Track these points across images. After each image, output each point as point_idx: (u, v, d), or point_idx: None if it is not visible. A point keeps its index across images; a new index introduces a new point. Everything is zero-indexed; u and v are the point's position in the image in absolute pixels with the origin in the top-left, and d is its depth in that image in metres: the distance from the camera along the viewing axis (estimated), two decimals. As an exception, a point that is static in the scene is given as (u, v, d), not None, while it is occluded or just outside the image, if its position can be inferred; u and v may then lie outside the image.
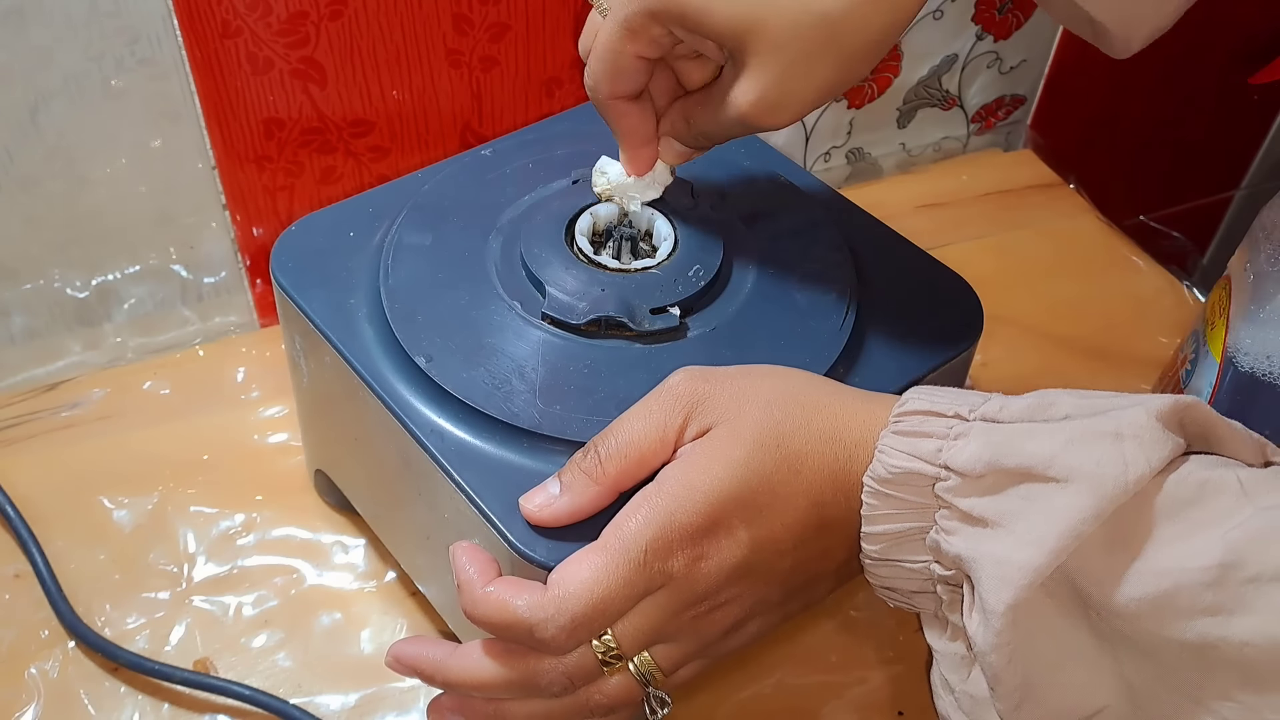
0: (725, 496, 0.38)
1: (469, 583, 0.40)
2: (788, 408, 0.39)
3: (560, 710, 0.40)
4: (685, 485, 0.38)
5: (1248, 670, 0.32)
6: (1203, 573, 0.32)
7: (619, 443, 0.40)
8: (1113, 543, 0.34)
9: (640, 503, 0.38)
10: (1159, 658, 0.34)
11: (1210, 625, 0.32)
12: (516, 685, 0.40)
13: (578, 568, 0.38)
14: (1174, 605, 0.33)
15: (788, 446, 0.39)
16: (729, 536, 0.38)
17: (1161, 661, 0.34)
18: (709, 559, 0.38)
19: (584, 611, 0.37)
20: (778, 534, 0.39)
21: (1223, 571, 0.32)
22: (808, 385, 0.41)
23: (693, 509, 0.38)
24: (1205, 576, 0.32)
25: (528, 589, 0.38)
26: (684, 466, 0.39)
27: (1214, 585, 0.32)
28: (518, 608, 0.38)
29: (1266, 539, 0.32)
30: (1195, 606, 0.32)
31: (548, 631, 0.38)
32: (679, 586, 0.38)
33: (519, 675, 0.40)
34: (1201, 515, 0.33)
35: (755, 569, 0.39)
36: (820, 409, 0.40)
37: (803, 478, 0.39)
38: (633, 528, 0.38)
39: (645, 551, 0.37)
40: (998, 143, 0.89)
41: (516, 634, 0.39)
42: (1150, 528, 0.34)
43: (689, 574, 0.38)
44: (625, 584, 0.37)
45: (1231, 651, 0.32)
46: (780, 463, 0.38)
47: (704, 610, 0.39)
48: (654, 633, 0.39)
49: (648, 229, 0.51)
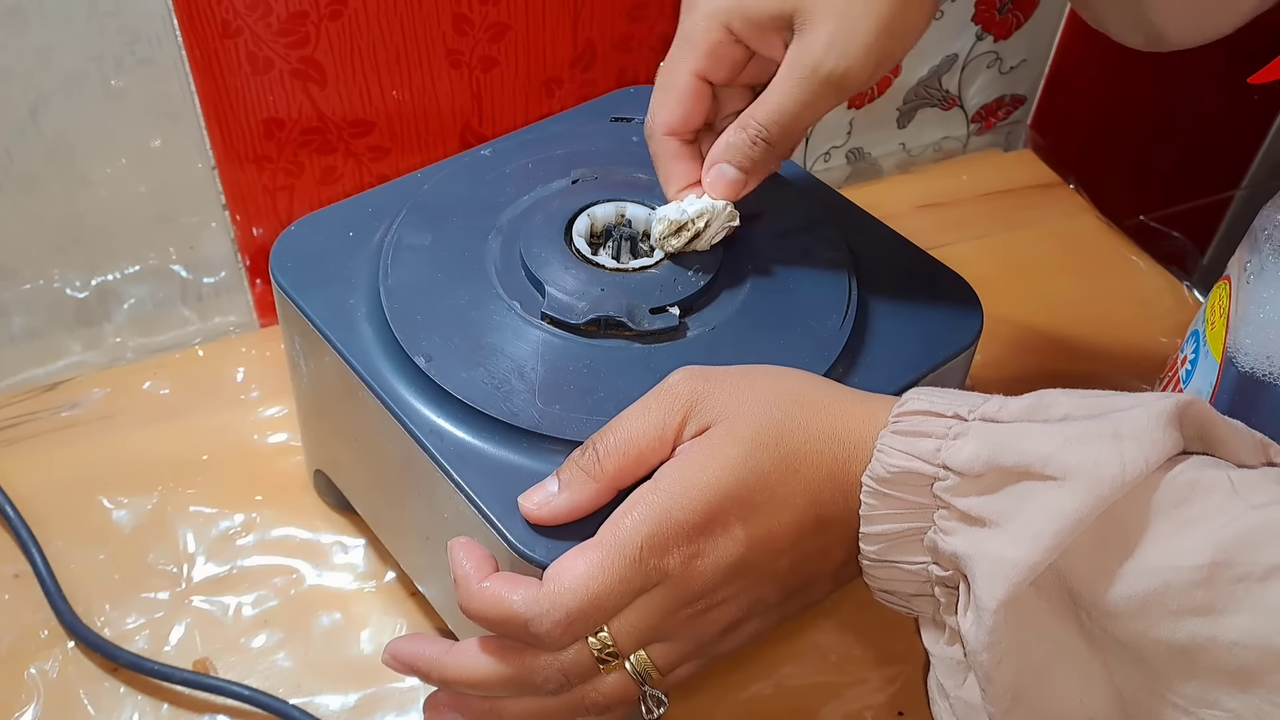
0: (722, 494, 0.38)
1: (465, 578, 0.40)
2: (787, 407, 0.39)
3: (556, 708, 0.40)
4: (682, 483, 0.38)
5: (1236, 672, 0.32)
6: (1192, 572, 0.32)
7: (617, 440, 0.40)
8: (1104, 541, 0.34)
9: (637, 500, 0.38)
10: (1149, 662, 0.34)
11: (1200, 625, 0.32)
12: (513, 682, 0.40)
13: (573, 563, 0.38)
14: (1163, 604, 0.33)
15: (786, 446, 0.39)
16: (726, 535, 0.38)
17: (1151, 667, 0.34)
18: (705, 557, 0.38)
19: (579, 607, 0.37)
20: (775, 533, 0.39)
21: (1212, 570, 0.32)
22: (807, 385, 0.41)
23: (690, 506, 0.38)
24: (1195, 576, 0.32)
25: (523, 584, 0.38)
26: (682, 464, 0.39)
27: (1203, 584, 0.32)
28: (513, 603, 0.38)
29: (1256, 538, 0.32)
30: (1184, 606, 0.32)
31: (543, 626, 0.37)
32: (675, 584, 0.38)
33: (515, 672, 0.40)
34: (1192, 514, 0.33)
35: (752, 568, 0.39)
36: (820, 409, 0.40)
37: (801, 477, 0.39)
38: (629, 524, 0.38)
39: (641, 548, 0.37)
40: (998, 143, 0.89)
41: (512, 629, 0.39)
42: (1141, 527, 0.34)
43: (685, 572, 0.38)
44: (621, 580, 0.37)
45: (1220, 652, 0.32)
46: (778, 462, 0.38)
47: (700, 609, 0.39)
48: (650, 631, 0.39)
49: (646, 229, 0.51)
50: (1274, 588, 0.32)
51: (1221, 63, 0.88)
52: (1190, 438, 0.35)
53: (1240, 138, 0.97)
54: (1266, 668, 0.32)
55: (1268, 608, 0.32)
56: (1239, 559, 0.32)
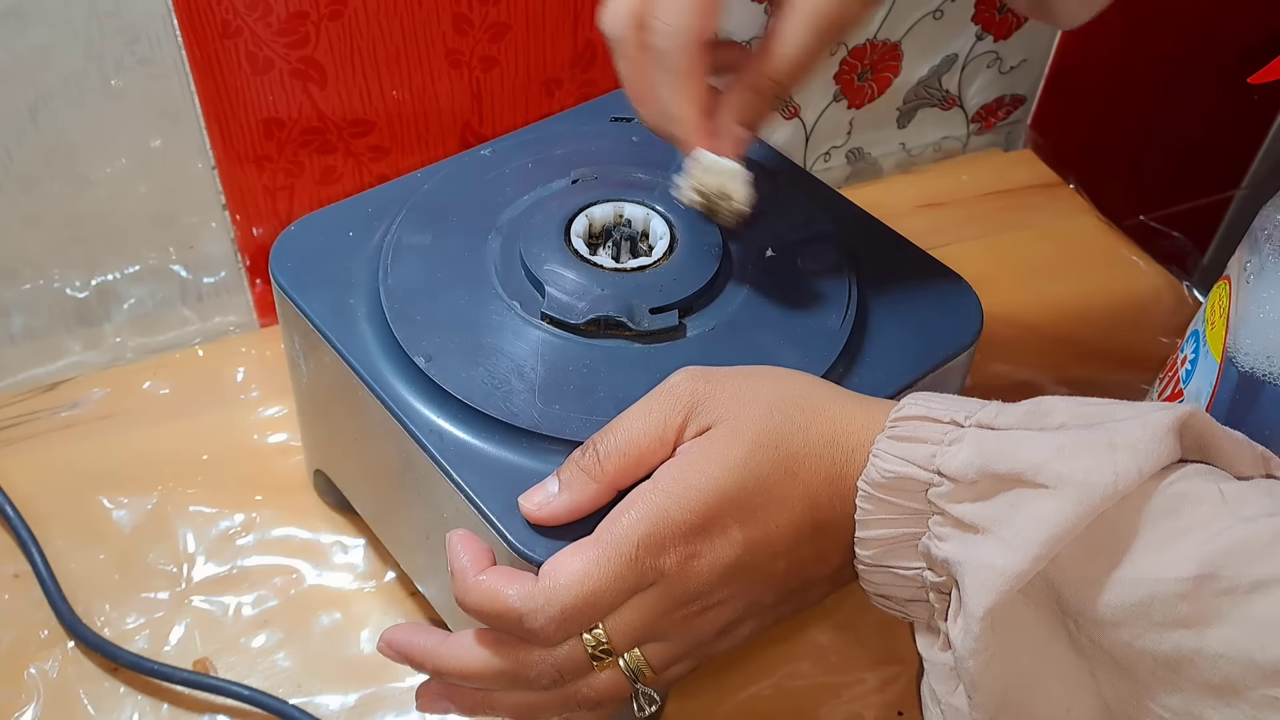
0: (721, 495, 0.38)
1: (462, 571, 0.40)
2: (788, 410, 0.39)
3: (548, 702, 0.41)
4: (681, 483, 0.38)
5: (1220, 685, 0.32)
6: (1178, 584, 0.32)
7: (618, 441, 0.40)
8: (1094, 550, 0.34)
9: (635, 499, 0.38)
10: (1134, 673, 0.34)
11: (1184, 637, 0.32)
12: (505, 676, 0.40)
13: (569, 560, 0.38)
14: (1149, 615, 0.33)
15: (786, 448, 0.39)
16: (723, 536, 0.38)
17: (1137, 678, 0.34)
18: (702, 558, 0.38)
19: (574, 603, 0.37)
20: (772, 535, 0.39)
21: (1198, 583, 0.32)
22: (808, 388, 0.41)
23: (687, 506, 0.38)
24: (1180, 588, 0.32)
25: (519, 579, 0.39)
26: (681, 464, 0.39)
27: (1189, 597, 0.32)
28: (508, 597, 0.38)
29: (1243, 551, 0.32)
30: (1170, 618, 0.32)
31: (537, 622, 0.38)
32: (671, 584, 0.38)
33: (508, 666, 0.40)
34: (1181, 525, 0.33)
35: (749, 570, 0.39)
36: (819, 413, 0.40)
37: (799, 480, 0.39)
38: (626, 523, 0.38)
39: (638, 547, 0.37)
40: (998, 143, 0.89)
41: (506, 623, 0.39)
42: (1131, 536, 0.34)
43: (681, 572, 0.38)
44: (616, 578, 0.37)
45: (1205, 665, 0.32)
46: (778, 464, 0.38)
47: (696, 610, 0.39)
48: (645, 630, 0.39)
49: (644, 229, 0.51)
50: (1259, 601, 0.31)
51: (1221, 63, 0.88)
52: (1189, 449, 0.35)
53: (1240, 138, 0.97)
54: (1250, 682, 0.32)
55: (1252, 621, 0.31)
56: (1225, 572, 0.32)
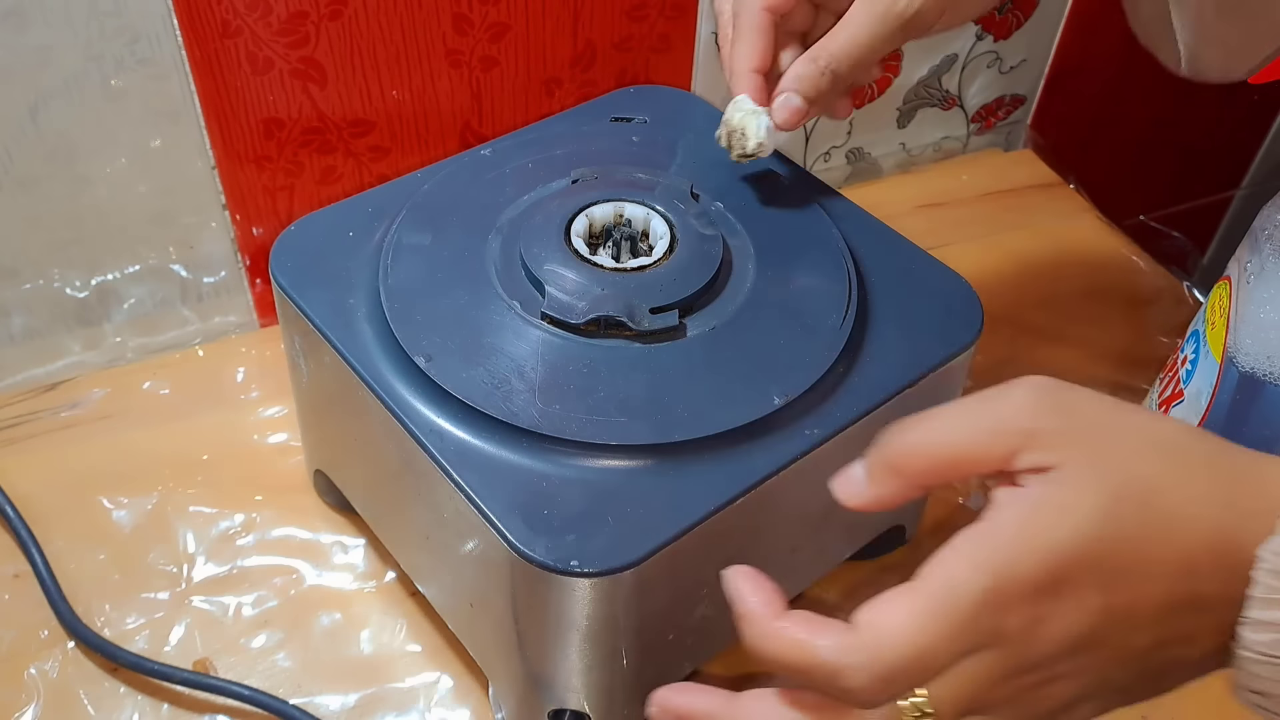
0: (1076, 551, 0.33)
1: (756, 616, 0.35)
2: (1164, 460, 0.34)
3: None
4: (1028, 533, 0.33)
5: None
6: None
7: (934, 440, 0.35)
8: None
9: (973, 544, 0.33)
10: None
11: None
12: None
13: (893, 610, 0.33)
14: None
15: (1158, 505, 0.33)
16: (1076, 600, 0.33)
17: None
18: (1049, 622, 0.33)
19: (899, 663, 0.32)
20: (1136, 606, 0.33)
21: None
22: (1186, 436, 0.35)
23: (1036, 561, 0.32)
24: None
25: (831, 629, 0.33)
26: (1028, 509, 0.33)
27: None
28: (819, 649, 0.33)
29: None
30: None
31: (856, 680, 0.32)
32: (1010, 650, 0.33)
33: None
34: None
35: (1103, 643, 0.34)
36: (1202, 465, 0.34)
37: (1174, 543, 0.33)
38: (963, 573, 0.32)
39: (977, 603, 0.32)
40: (998, 143, 0.89)
41: (814, 679, 0.34)
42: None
43: (1024, 637, 0.33)
44: (950, 639, 0.32)
45: None
46: (1147, 523, 0.33)
47: (1034, 682, 0.34)
48: (975, 699, 0.34)
49: (644, 229, 0.51)
50: None
51: (1221, 63, 0.88)
52: None
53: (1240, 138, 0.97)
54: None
55: None
56: None
